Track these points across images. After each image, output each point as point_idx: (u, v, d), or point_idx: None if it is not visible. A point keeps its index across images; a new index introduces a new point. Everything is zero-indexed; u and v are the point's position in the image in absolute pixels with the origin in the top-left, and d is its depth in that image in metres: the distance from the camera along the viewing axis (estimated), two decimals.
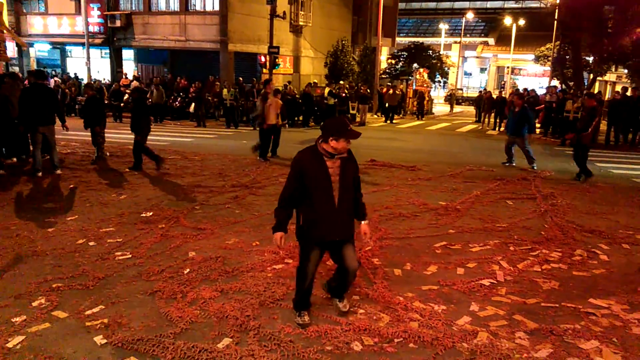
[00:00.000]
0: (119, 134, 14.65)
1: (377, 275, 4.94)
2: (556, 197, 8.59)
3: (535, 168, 11.25)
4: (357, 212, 3.93)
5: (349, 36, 31.76)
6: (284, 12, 23.90)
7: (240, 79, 21.55)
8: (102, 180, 8.92)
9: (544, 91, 22.50)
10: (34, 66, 26.90)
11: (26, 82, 11.83)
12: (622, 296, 4.68)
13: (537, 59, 32.44)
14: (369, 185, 9.15)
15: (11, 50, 27.07)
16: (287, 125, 12.54)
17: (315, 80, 26.33)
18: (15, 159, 10.24)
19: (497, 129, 21.33)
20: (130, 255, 5.30)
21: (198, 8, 23.53)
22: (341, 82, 24.58)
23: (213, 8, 23.00)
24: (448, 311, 4.26)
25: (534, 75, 44.16)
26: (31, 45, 26.84)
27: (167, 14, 23.97)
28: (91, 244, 5.64)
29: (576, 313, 4.29)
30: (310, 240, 3.77)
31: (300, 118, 20.24)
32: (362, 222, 3.98)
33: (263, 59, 23.55)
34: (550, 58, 27.03)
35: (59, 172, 9.23)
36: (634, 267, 5.51)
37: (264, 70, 23.66)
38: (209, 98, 19.99)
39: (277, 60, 23.07)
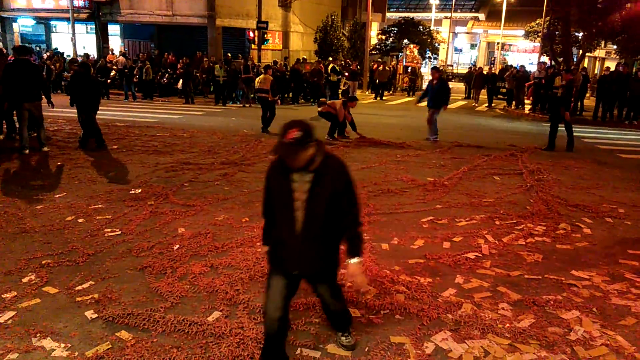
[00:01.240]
0: (106, 111, 14.48)
1: (365, 250, 5.01)
2: (542, 172, 8.70)
3: (436, 139, 11.59)
4: (347, 246, 2.87)
5: (339, 11, 31.38)
6: None
7: (229, 54, 21.29)
8: (90, 157, 8.87)
9: (534, 67, 22.52)
10: (18, 42, 26.32)
11: (10, 57, 11.60)
12: (604, 268, 4.80)
13: (527, 35, 32.31)
14: (358, 162, 9.20)
15: None
16: (279, 102, 12.57)
17: (305, 57, 26.10)
18: (1, 137, 10.12)
19: (490, 105, 21.40)
20: (119, 232, 5.32)
21: None
22: (329, 58, 24.35)
23: None
24: (434, 284, 4.35)
25: (524, 52, 44.07)
26: (14, 20, 26.24)
27: None
28: (80, 220, 5.65)
29: (558, 285, 4.41)
30: (271, 265, 2.97)
31: (290, 95, 20.12)
32: (351, 260, 2.84)
33: (252, 34, 23.25)
34: (540, 34, 26.94)
35: (46, 149, 9.15)
36: (615, 240, 5.64)
37: (253, 45, 23.39)
38: (197, 74, 19.77)
39: (265, 35, 22.79)
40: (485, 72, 23.05)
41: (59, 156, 8.87)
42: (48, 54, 22.33)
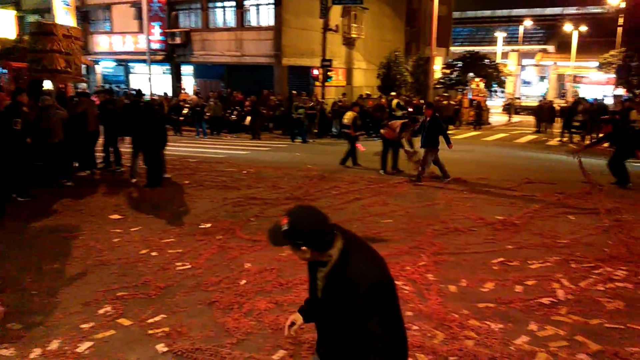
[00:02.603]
0: (178, 147, 15.21)
1: (431, 292, 4.88)
2: (621, 212, 8.18)
3: (418, 179, 10.61)
4: None
5: (402, 46, 31.61)
6: (337, 26, 24.15)
7: (294, 91, 21.90)
8: (164, 192, 9.28)
9: (609, 100, 21.50)
10: (100, 82, 28.46)
11: (93, 98, 12.48)
12: None
13: (601, 67, 31.04)
14: (422, 199, 9.07)
15: (83, 67, 28.86)
16: (359, 137, 12.53)
17: (368, 92, 26.36)
18: (88, 172, 10.73)
19: (563, 139, 20.30)
20: (189, 266, 5.50)
21: (253, 24, 24.18)
22: (392, 93, 24.45)
23: (268, 23, 23.56)
24: (505, 330, 4.15)
25: (597, 83, 42.26)
26: (97, 62, 28.43)
27: (224, 30, 24.75)
28: (153, 254, 5.90)
29: None
30: None
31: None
32: None
33: (316, 72, 23.84)
34: (614, 66, 25.79)
35: (134, 180, 9.86)
36: None
37: (317, 83, 23.94)
38: (264, 111, 20.43)
39: (329, 72, 23.29)
40: (555, 105, 22.25)
41: (136, 190, 9.36)
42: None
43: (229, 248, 6.11)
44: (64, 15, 27.23)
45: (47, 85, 11.23)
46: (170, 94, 25.52)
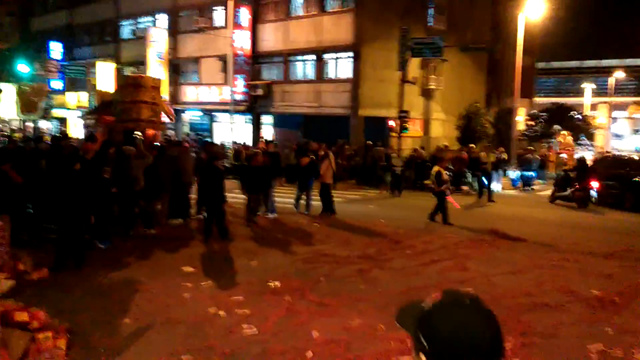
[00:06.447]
0: None
1: None
2: None
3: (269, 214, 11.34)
4: None
5: (483, 97, 30.90)
6: (415, 78, 24.07)
7: (369, 142, 21.84)
8: (236, 245, 9.23)
9: None
10: (187, 130, 30.06)
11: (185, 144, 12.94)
12: None
13: None
14: (505, 263, 8.39)
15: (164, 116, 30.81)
16: (448, 192, 12.06)
17: (446, 143, 25.77)
18: (181, 220, 10.95)
19: None
20: (256, 330, 5.29)
21: (331, 76, 24.70)
22: (471, 145, 23.71)
23: (346, 76, 23.96)
24: None
25: None
26: (183, 112, 30.19)
27: (304, 82, 25.48)
28: (221, 313, 5.77)
29: None
30: None
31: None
32: None
33: (392, 122, 23.72)
34: None
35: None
36: None
37: (393, 133, 23.77)
38: (339, 161, 20.43)
39: (405, 124, 23.08)
40: None
41: (211, 242, 9.43)
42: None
43: (297, 312, 5.86)
44: (157, 67, 29.47)
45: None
46: (250, 142, 26.39)
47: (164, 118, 16.07)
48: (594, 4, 42.58)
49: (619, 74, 40.03)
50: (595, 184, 15.88)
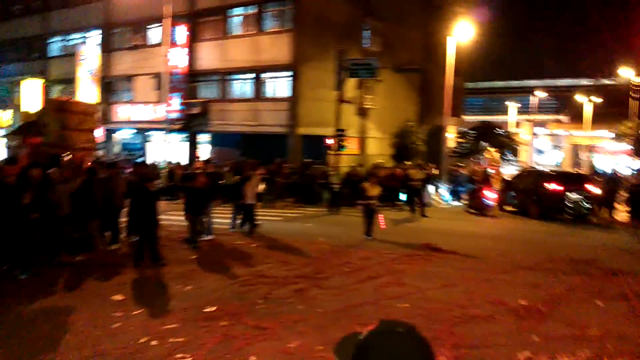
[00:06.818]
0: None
1: None
2: None
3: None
4: None
5: (415, 116, 32.00)
6: (351, 97, 24.57)
7: (308, 160, 21.99)
8: (169, 270, 8.87)
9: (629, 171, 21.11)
10: (119, 150, 29.01)
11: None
12: None
13: (617, 137, 30.96)
14: (438, 277, 8.64)
15: (100, 135, 29.57)
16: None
17: (382, 160, 26.37)
18: (115, 245, 10.32)
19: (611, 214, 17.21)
20: (190, 359, 5.12)
21: (270, 95, 24.75)
22: (405, 162, 24.45)
23: (284, 95, 24.10)
24: None
25: (612, 153, 41.98)
26: (114, 131, 29.19)
27: (242, 101, 25.36)
28: (153, 343, 5.54)
29: None
30: None
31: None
32: None
33: (329, 141, 24.02)
34: (631, 136, 25.69)
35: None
36: None
37: (330, 151, 24.06)
38: (277, 180, 20.39)
39: (342, 142, 23.44)
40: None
41: (142, 267, 9.05)
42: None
43: (234, 337, 5.73)
44: (88, 85, 28.36)
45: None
46: (186, 161, 25.81)
47: (98, 134, 15.43)
48: (518, 27, 45.46)
49: (540, 94, 42.78)
50: (489, 194, 17.75)
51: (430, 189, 21.05)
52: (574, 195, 16.19)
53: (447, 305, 6.99)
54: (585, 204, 16.25)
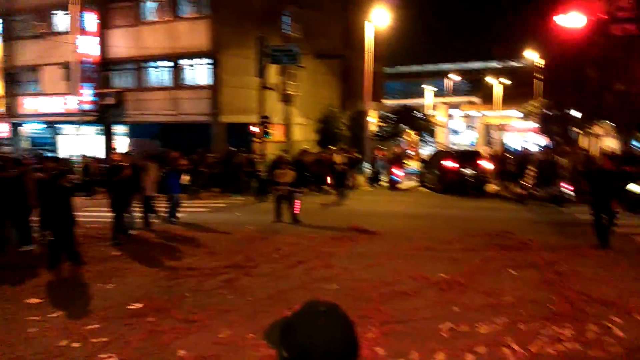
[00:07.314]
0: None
1: None
2: (560, 263, 8.33)
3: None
4: None
5: (338, 102, 32.42)
6: (274, 84, 24.42)
7: (233, 148, 21.66)
8: (90, 268, 8.45)
9: (536, 148, 22.69)
10: (27, 146, 27.04)
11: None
12: None
13: (525, 116, 33.15)
14: (365, 257, 8.89)
15: (6, 130, 27.38)
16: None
17: (307, 147, 26.54)
18: (31, 247, 9.62)
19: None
20: (116, 358, 4.93)
21: (190, 83, 24.03)
22: (330, 147, 24.78)
23: (204, 82, 23.49)
24: None
25: (521, 131, 44.90)
26: (21, 125, 27.17)
27: (160, 89, 24.42)
28: (74, 345, 5.28)
29: None
30: None
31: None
32: None
33: (254, 128, 23.79)
34: (536, 115, 27.61)
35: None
36: None
37: (255, 139, 23.86)
38: (203, 169, 19.92)
39: (267, 129, 23.31)
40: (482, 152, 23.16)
41: (60, 269, 8.55)
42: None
43: (161, 332, 5.58)
44: None
45: None
46: (102, 154, 24.57)
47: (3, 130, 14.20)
48: (433, 12, 47.16)
49: (454, 77, 44.78)
50: (398, 172, 20.32)
51: (354, 172, 21.50)
52: (467, 171, 18.09)
53: (374, 284, 7.21)
54: (479, 178, 18.15)
